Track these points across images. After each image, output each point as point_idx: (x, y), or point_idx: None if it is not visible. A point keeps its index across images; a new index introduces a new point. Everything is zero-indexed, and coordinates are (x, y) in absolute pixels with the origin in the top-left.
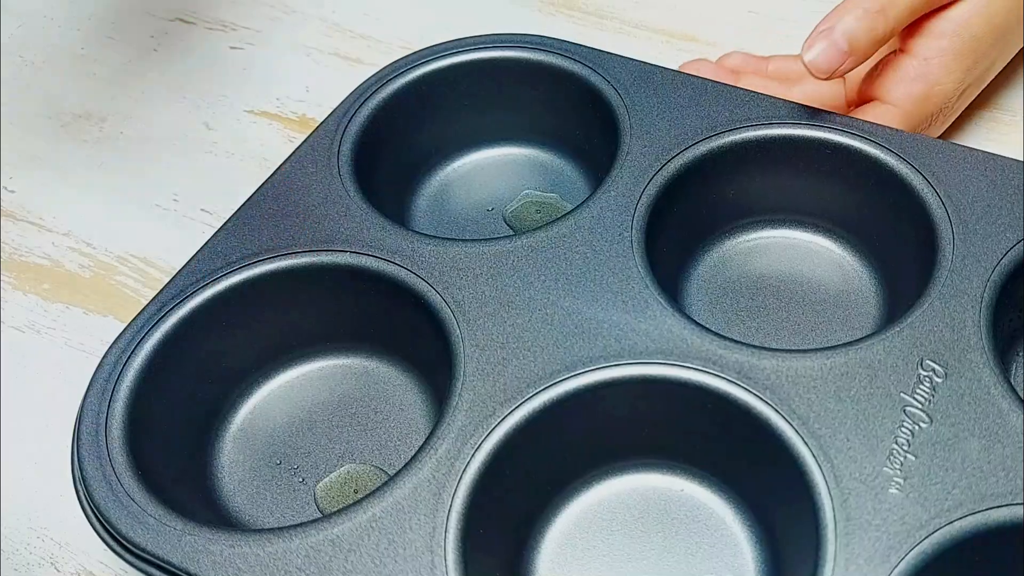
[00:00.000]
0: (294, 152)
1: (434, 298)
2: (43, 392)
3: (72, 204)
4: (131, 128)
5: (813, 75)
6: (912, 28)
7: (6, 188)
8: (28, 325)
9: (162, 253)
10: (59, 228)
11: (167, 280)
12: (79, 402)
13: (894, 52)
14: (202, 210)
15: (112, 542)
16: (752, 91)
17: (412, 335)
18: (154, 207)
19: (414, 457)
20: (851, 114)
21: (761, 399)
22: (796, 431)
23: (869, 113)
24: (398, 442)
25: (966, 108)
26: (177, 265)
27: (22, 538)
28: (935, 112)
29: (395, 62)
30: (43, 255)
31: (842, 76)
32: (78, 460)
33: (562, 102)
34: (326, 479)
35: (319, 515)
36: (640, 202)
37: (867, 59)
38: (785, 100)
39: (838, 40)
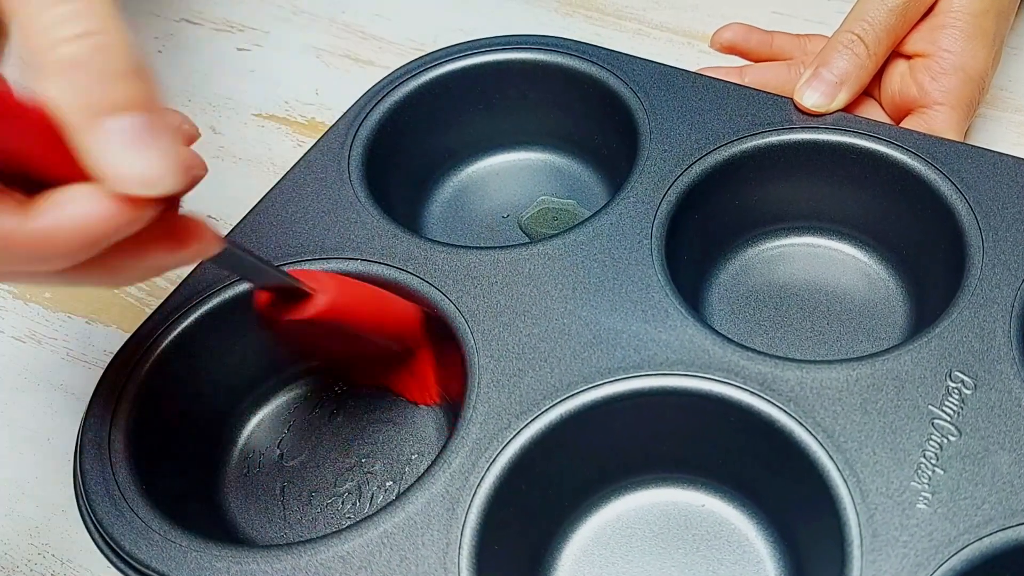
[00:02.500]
0: (303, 156)
1: (447, 307)
2: (45, 404)
3: None
4: None
5: (818, 115)
6: (915, 37)
7: None
8: (29, 335)
9: None
10: None
11: (173, 289)
12: (82, 414)
13: (916, 61)
14: (209, 216)
15: (115, 559)
16: (775, 94)
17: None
18: None
19: (427, 471)
20: (901, 127)
21: (785, 411)
22: (821, 444)
23: (915, 121)
24: (410, 455)
25: (996, 112)
26: (183, 274)
27: (23, 555)
28: (978, 94)
29: (408, 64)
30: None
31: (845, 104)
32: (81, 474)
33: (579, 105)
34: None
35: (331, 529)
36: (660, 209)
37: (863, 86)
38: None
39: (827, 77)
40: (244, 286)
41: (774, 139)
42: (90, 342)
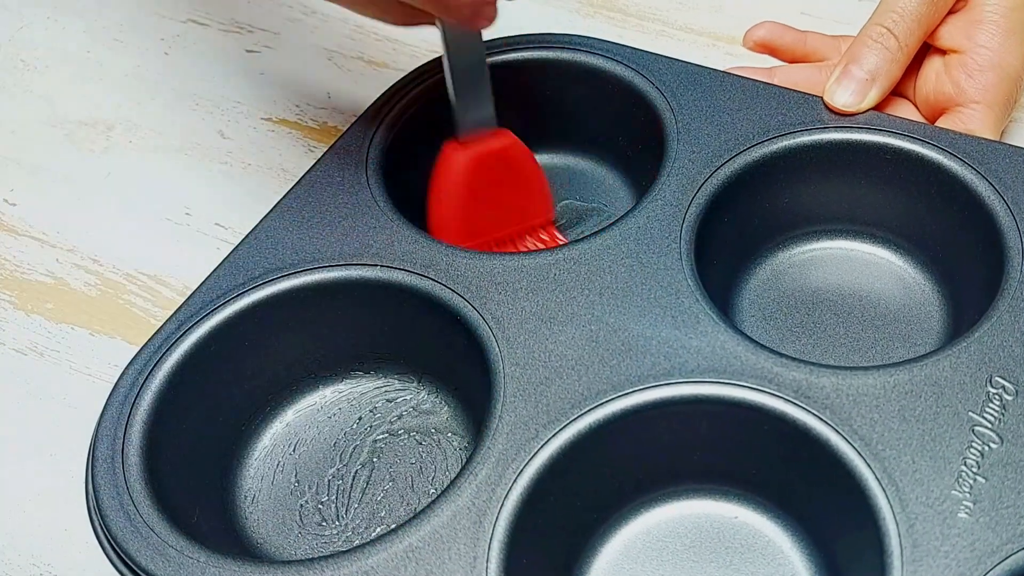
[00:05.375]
0: (320, 160)
1: (471, 314)
2: (46, 419)
3: (77, 218)
4: (140, 137)
5: (850, 114)
6: (950, 32)
7: (7, 201)
8: (31, 347)
9: (174, 270)
10: (64, 244)
11: (179, 299)
12: (85, 429)
13: (951, 58)
14: (216, 224)
15: (131, 575)
16: (806, 93)
17: (448, 354)
18: (165, 221)
19: (452, 483)
20: (936, 126)
21: (820, 419)
22: (858, 453)
23: (950, 119)
24: (434, 468)
25: None
26: (190, 283)
27: (24, 574)
28: (1016, 92)
29: (423, 65)
30: (47, 272)
31: (877, 102)
32: (93, 489)
33: (604, 106)
34: None
35: (349, 545)
36: (689, 212)
37: (895, 81)
38: None
39: (858, 74)
40: (261, 293)
41: (805, 139)
42: (94, 354)
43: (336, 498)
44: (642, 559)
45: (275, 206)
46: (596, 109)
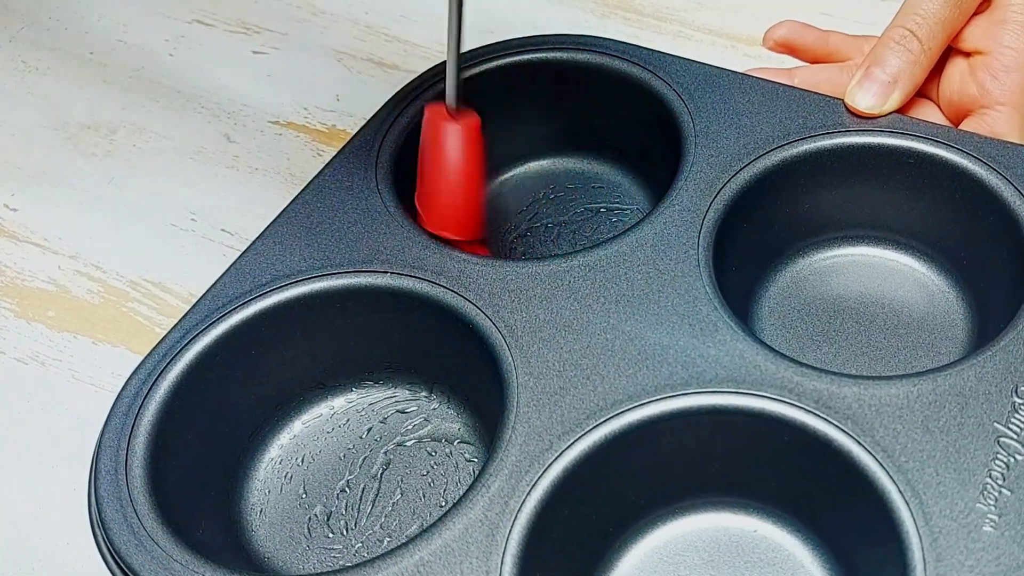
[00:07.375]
0: (328, 164)
1: (483, 322)
2: (48, 429)
3: (80, 224)
4: (144, 140)
5: (872, 117)
6: (974, 33)
7: (7, 206)
8: (32, 356)
9: (178, 278)
10: (65, 250)
11: (184, 307)
12: (87, 440)
13: (975, 59)
14: (222, 230)
15: None
16: (827, 96)
17: (460, 363)
18: (169, 227)
19: (464, 496)
20: (960, 129)
21: (842, 430)
22: (881, 464)
23: (974, 122)
24: (446, 480)
25: None
26: (195, 290)
27: None
28: None
29: (435, 67)
30: (48, 279)
31: (900, 105)
32: (96, 502)
33: (620, 109)
34: None
35: (361, 558)
36: (707, 217)
37: (918, 84)
38: None
39: (880, 76)
40: (268, 301)
41: (826, 143)
42: (96, 363)
43: (345, 511)
44: (659, 573)
45: (282, 211)
46: (612, 112)
